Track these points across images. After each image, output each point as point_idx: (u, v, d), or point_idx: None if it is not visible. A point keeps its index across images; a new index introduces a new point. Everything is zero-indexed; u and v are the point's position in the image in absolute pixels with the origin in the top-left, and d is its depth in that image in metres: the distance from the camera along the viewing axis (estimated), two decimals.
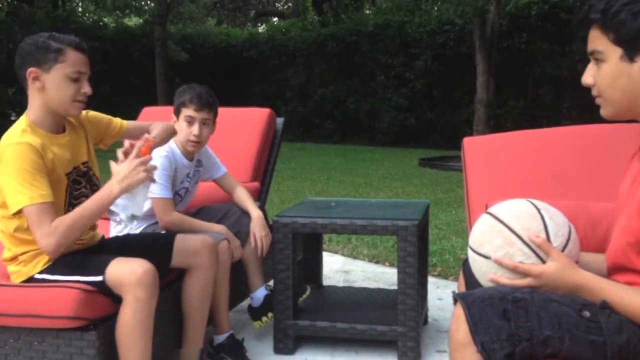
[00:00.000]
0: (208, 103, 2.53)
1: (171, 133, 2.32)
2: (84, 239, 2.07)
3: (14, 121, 1.94)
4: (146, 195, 1.96)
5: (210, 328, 2.40)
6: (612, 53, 1.28)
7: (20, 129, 1.87)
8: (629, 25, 1.25)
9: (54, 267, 1.92)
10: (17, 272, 1.94)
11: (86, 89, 1.92)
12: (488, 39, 10.11)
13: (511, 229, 1.38)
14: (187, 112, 2.51)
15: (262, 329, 2.68)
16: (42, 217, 1.78)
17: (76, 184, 1.99)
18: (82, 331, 1.82)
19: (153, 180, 1.93)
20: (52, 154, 1.89)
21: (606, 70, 1.30)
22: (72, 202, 1.97)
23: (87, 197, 1.99)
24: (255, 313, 2.64)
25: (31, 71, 1.85)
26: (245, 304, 2.77)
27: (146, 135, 2.03)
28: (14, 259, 1.95)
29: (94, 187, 2.07)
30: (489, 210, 1.57)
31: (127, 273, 1.84)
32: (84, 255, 2.01)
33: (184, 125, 2.51)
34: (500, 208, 1.48)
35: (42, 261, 1.92)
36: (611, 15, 1.27)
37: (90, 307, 1.82)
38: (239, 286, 2.66)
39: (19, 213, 1.81)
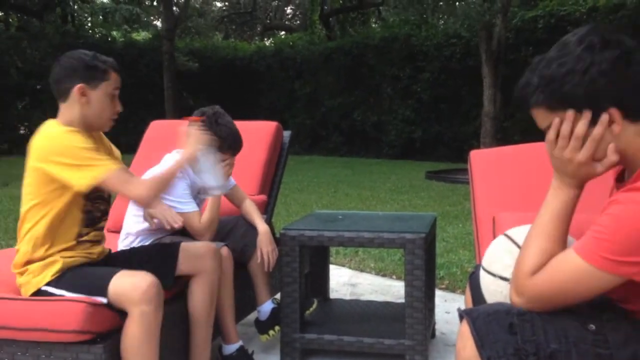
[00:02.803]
0: (241, 145, 2.59)
1: None
2: (93, 254, 2.08)
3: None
4: (215, 163, 2.22)
5: (216, 342, 2.40)
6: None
7: (57, 124, 1.98)
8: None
9: (61, 279, 1.93)
10: (27, 284, 1.95)
11: (119, 107, 2.11)
12: (495, 52, 10.13)
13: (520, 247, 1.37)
14: (223, 157, 2.49)
15: (269, 342, 2.68)
16: (126, 177, 1.91)
17: (95, 193, 2.04)
18: (89, 344, 1.82)
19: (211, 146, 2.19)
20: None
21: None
22: (94, 202, 2.04)
23: (102, 198, 2.08)
24: (262, 326, 2.63)
25: (80, 87, 1.99)
26: (252, 317, 2.77)
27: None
28: (24, 268, 1.96)
29: (107, 200, 2.14)
30: (506, 232, 1.57)
31: (130, 288, 1.85)
32: (91, 269, 2.02)
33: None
34: (517, 230, 1.48)
35: (51, 272, 1.94)
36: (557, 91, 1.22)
37: (97, 321, 1.82)
38: (246, 299, 2.66)
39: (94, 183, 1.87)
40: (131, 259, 2.18)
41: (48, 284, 1.93)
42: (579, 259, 1.18)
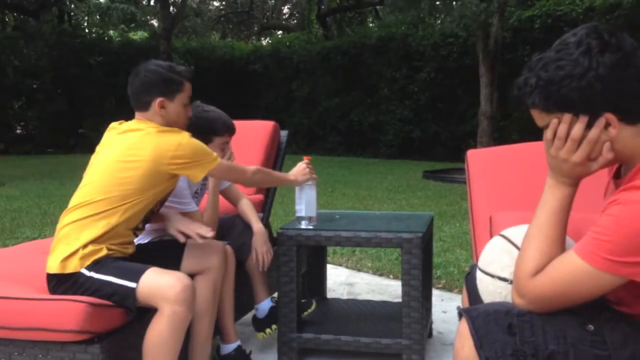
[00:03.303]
0: (234, 126, 2.58)
1: None
2: (129, 248, 2.11)
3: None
4: (315, 199, 2.57)
5: (214, 341, 2.40)
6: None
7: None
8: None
9: (96, 264, 1.95)
10: (70, 262, 1.95)
11: (190, 112, 2.27)
12: (491, 51, 10.14)
13: (519, 248, 1.37)
14: (222, 139, 2.51)
15: (266, 341, 2.68)
16: (233, 165, 2.29)
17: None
18: (86, 344, 1.81)
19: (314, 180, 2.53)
20: None
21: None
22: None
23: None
24: (260, 324, 2.64)
25: (160, 101, 2.13)
26: (249, 317, 2.77)
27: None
28: (74, 253, 1.95)
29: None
30: (502, 232, 1.57)
31: (167, 286, 1.87)
32: (125, 261, 2.04)
33: (218, 151, 2.51)
34: (513, 230, 1.48)
35: (93, 258, 1.95)
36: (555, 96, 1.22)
37: (96, 321, 1.82)
38: (244, 298, 2.66)
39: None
40: (139, 256, 2.17)
41: (87, 267, 1.94)
42: (579, 260, 1.18)
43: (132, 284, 1.89)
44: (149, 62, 2.21)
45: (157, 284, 1.89)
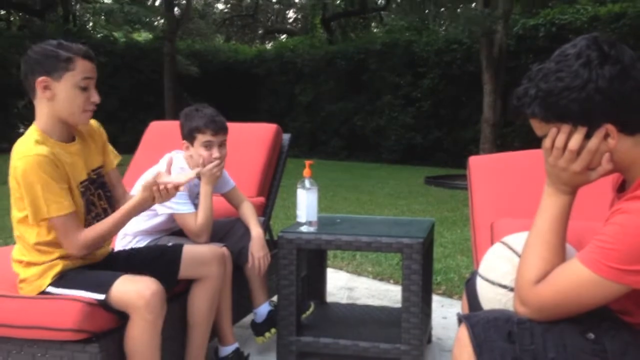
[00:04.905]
0: (223, 125, 2.54)
1: None
2: (95, 254, 2.07)
3: (22, 134, 1.95)
4: (316, 204, 2.54)
5: (211, 343, 2.39)
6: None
7: (32, 140, 1.86)
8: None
9: (61, 280, 1.92)
10: (29, 286, 1.94)
11: (95, 97, 1.92)
12: (495, 59, 10.14)
13: (520, 255, 1.37)
14: (204, 137, 2.49)
15: (265, 345, 2.67)
16: (69, 227, 1.86)
17: (89, 190, 2.00)
18: (84, 344, 1.81)
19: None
20: (66, 162, 1.90)
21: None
22: (89, 208, 1.98)
23: (94, 205, 2.01)
24: (259, 328, 2.63)
25: (41, 80, 1.84)
26: (248, 319, 2.77)
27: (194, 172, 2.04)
28: (26, 270, 1.94)
29: (107, 193, 2.09)
30: (503, 239, 1.57)
31: (135, 295, 1.83)
32: (91, 271, 2.01)
33: (202, 150, 2.50)
34: (514, 237, 1.47)
35: (52, 274, 1.92)
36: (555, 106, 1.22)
37: (93, 320, 1.82)
38: (242, 301, 2.66)
39: (43, 221, 1.84)
40: (132, 260, 2.16)
41: (49, 285, 1.92)
42: (584, 269, 1.17)
43: (100, 296, 1.85)
44: (42, 42, 1.91)
45: (126, 294, 1.84)
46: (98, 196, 2.05)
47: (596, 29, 11.11)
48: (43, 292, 1.91)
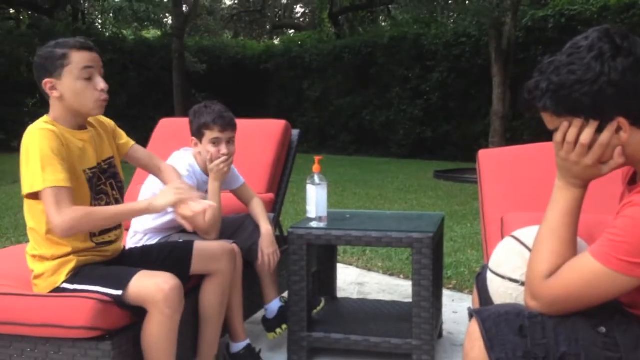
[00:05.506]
0: (231, 122, 2.54)
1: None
2: (107, 251, 2.07)
3: None
4: (325, 200, 2.53)
5: (223, 339, 2.40)
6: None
7: (41, 122, 1.91)
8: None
9: (76, 276, 1.93)
10: (44, 282, 1.95)
11: (101, 85, 1.92)
12: (504, 51, 10.08)
13: (530, 249, 1.36)
14: (212, 134, 2.49)
15: (276, 340, 2.68)
16: (58, 200, 1.78)
17: (98, 179, 2.01)
18: (97, 341, 1.82)
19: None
20: (75, 147, 1.92)
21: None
22: (95, 197, 1.99)
23: (106, 194, 2.03)
24: (270, 325, 2.64)
25: (46, 82, 1.88)
26: (259, 315, 2.78)
27: (208, 203, 1.98)
28: (40, 265, 1.95)
29: (119, 184, 2.11)
30: (513, 233, 1.56)
31: (154, 289, 1.84)
32: (107, 267, 2.02)
33: (210, 147, 2.51)
34: (524, 231, 1.47)
35: (66, 270, 1.93)
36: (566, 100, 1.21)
37: (107, 318, 1.83)
38: (253, 297, 2.66)
39: (33, 197, 1.83)
40: (145, 258, 2.18)
41: (64, 281, 1.93)
42: (595, 262, 1.17)
43: (117, 292, 1.86)
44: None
45: (145, 288, 1.85)
46: (110, 186, 2.06)
47: (606, 19, 11.02)
48: (58, 288, 1.93)
